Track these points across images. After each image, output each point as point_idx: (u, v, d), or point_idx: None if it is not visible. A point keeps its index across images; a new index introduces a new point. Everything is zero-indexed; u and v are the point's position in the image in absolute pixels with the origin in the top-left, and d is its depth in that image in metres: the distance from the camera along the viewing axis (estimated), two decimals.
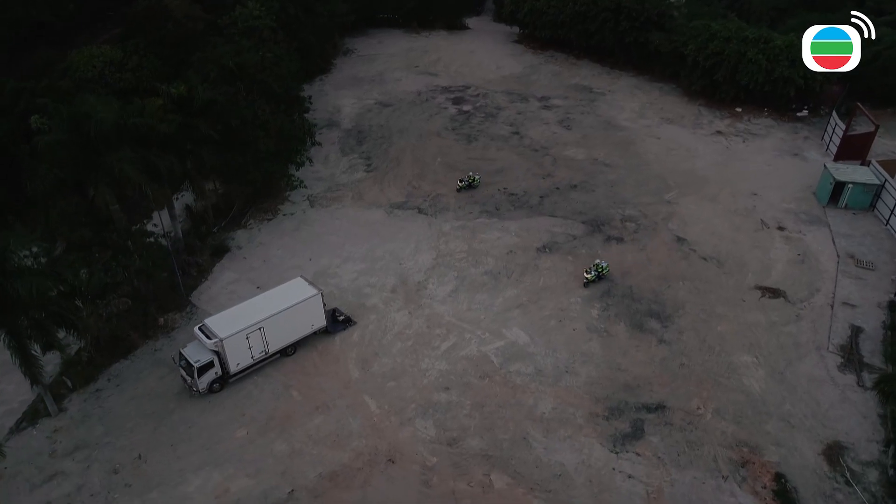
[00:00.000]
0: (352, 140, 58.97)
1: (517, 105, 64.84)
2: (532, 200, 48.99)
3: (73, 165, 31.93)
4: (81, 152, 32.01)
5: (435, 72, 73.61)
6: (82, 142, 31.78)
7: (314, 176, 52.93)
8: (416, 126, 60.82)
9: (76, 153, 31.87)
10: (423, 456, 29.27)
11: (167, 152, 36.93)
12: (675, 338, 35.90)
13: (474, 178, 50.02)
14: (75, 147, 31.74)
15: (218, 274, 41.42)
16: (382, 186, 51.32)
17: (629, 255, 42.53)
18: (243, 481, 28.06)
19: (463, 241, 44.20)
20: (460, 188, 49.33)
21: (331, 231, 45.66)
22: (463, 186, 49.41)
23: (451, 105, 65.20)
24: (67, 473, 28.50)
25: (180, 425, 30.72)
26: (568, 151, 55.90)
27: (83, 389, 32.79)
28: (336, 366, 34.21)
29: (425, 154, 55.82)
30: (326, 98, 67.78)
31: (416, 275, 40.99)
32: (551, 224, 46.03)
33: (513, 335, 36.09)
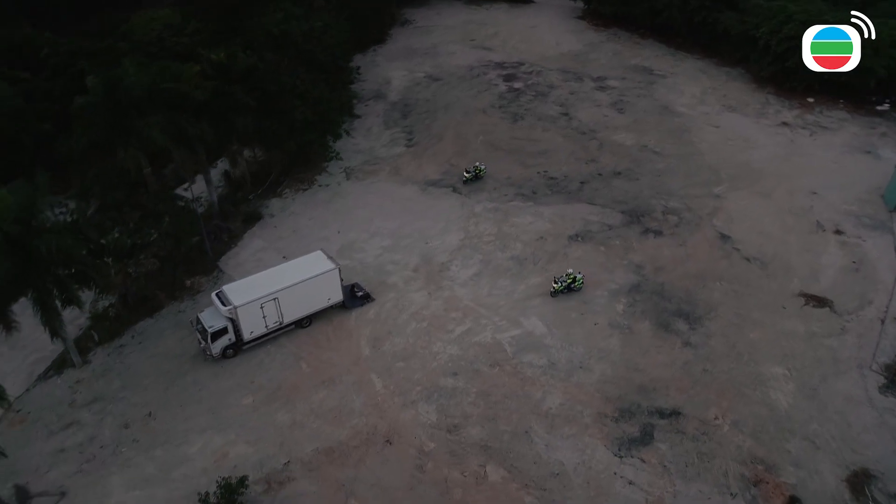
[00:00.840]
0: (396, 113, 58.43)
1: (570, 84, 62.50)
2: (571, 186, 47.31)
3: (106, 128, 32.79)
4: (113, 116, 32.81)
5: (490, 46, 71.82)
6: (115, 105, 32.53)
7: (354, 148, 52.86)
8: (463, 102, 59.62)
9: (108, 116, 32.70)
10: (420, 440, 29.03)
11: (200, 119, 37.47)
12: (701, 341, 34.05)
13: (480, 168, 47.26)
14: (108, 110, 32.55)
15: (248, 241, 42.11)
16: (420, 162, 50.70)
17: (666, 250, 40.52)
18: (242, 448, 28.62)
19: (493, 223, 43.21)
20: (466, 180, 46.82)
21: (362, 205, 45.55)
22: (469, 178, 46.84)
23: (502, 82, 63.50)
24: (83, 424, 29.85)
25: (192, 387, 31.58)
26: (617, 136, 53.56)
27: (108, 344, 34.15)
28: (348, 341, 34.26)
29: (468, 131, 54.69)
30: (377, 69, 67.32)
31: (440, 255, 40.42)
32: (588, 212, 44.34)
33: (530, 325, 35.13)
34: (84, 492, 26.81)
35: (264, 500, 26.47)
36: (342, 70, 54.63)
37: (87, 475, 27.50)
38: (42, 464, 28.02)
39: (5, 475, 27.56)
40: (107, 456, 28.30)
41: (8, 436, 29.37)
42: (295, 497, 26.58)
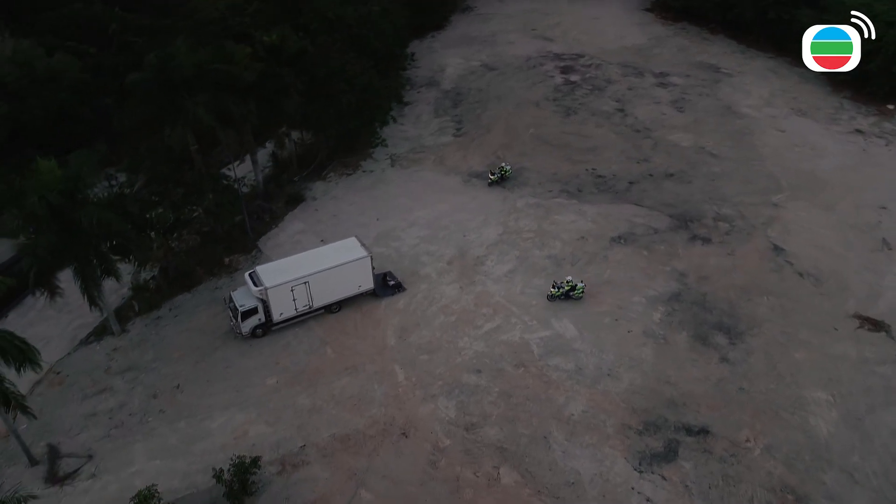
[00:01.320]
0: (447, 102, 57.94)
1: (630, 80, 60.43)
2: (619, 185, 45.79)
3: (156, 105, 33.65)
4: (163, 93, 33.61)
5: (551, 37, 70.19)
6: (165, 83, 33.32)
7: (401, 135, 52.73)
8: (516, 93, 58.54)
9: (159, 94, 33.53)
10: (437, 436, 28.79)
11: (248, 100, 38.01)
12: (740, 358, 32.40)
13: (506, 169, 45.39)
14: (158, 88, 33.36)
15: (288, 222, 42.66)
16: (466, 153, 50.12)
17: (712, 259, 38.70)
18: (261, 427, 29.09)
19: (534, 219, 42.30)
20: (492, 181, 45.02)
21: (404, 193, 45.40)
22: (495, 179, 45.04)
23: (559, 74, 62.00)
24: (115, 390, 31.00)
25: (220, 363, 32.29)
26: (673, 136, 51.47)
27: (147, 315, 35.30)
28: (375, 330, 34.27)
29: (518, 124, 53.69)
30: (433, 56, 66.89)
31: (476, 249, 39.88)
32: (634, 213, 42.82)
33: (561, 327, 34.25)
34: (109, 456, 27.85)
35: (277, 481, 26.84)
36: (395, 56, 54.35)
37: (114, 440, 28.55)
38: (74, 426, 29.27)
39: (41, 433, 28.93)
40: (134, 424, 29.30)
41: (47, 395, 30.83)
42: (307, 481, 26.83)
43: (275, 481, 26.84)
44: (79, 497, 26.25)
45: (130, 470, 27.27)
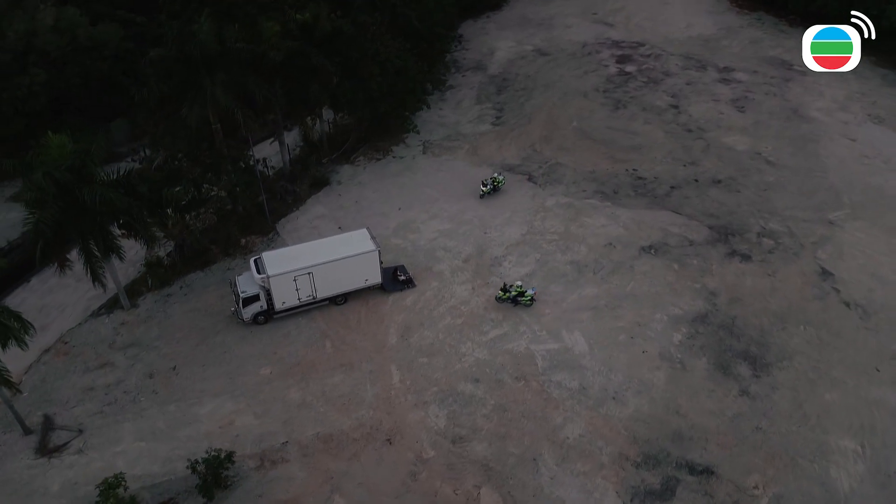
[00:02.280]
0: (492, 88, 55.84)
1: (690, 73, 56.54)
2: (660, 189, 42.89)
3: (175, 83, 33.38)
4: (184, 70, 33.28)
5: (612, 22, 66.60)
6: (184, 60, 32.94)
7: (439, 120, 51.17)
8: (566, 82, 55.78)
9: (179, 71, 33.22)
10: (422, 445, 27.76)
11: (274, 80, 37.35)
12: (763, 393, 29.74)
13: (499, 180, 41.84)
14: (179, 64, 33.03)
15: (310, 206, 42.12)
16: (502, 144, 48.14)
17: (749, 279, 35.69)
18: (248, 419, 28.82)
19: (562, 221, 40.16)
20: (483, 194, 41.28)
21: (431, 182, 44.04)
22: (487, 191, 41.33)
23: (614, 63, 58.71)
24: (115, 366, 31.41)
25: (218, 347, 32.20)
26: (728, 138, 47.82)
27: (158, 291, 35.61)
28: (378, 326, 33.38)
29: (562, 115, 51.14)
30: (486, 38, 64.64)
31: (496, 248, 38.22)
32: (671, 221, 40.01)
33: (571, 340, 32.39)
34: (98, 433, 28.24)
35: (254, 477, 26.53)
36: (439, 38, 52.46)
37: (106, 417, 28.93)
38: (72, 398, 29.85)
39: (39, 402, 29.66)
40: (127, 402, 29.61)
41: (51, 365, 31.58)
42: (283, 480, 26.40)
43: (251, 476, 26.54)
44: (63, 471, 26.75)
45: (116, 449, 27.56)
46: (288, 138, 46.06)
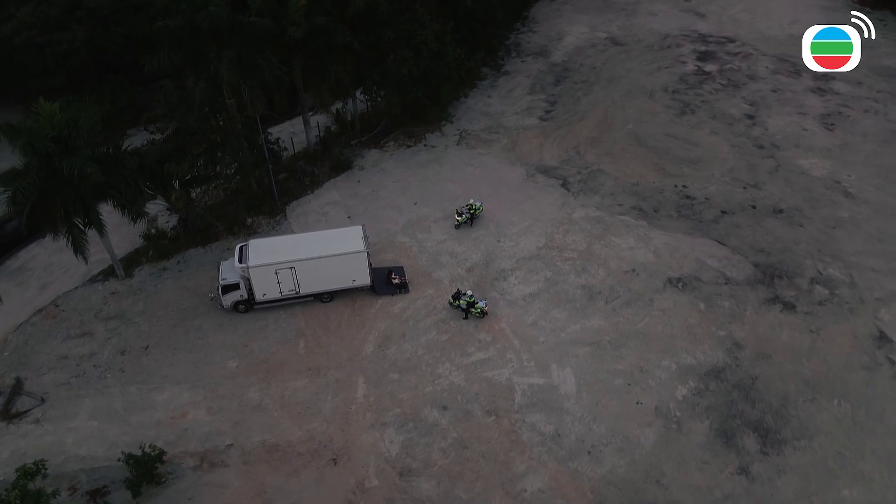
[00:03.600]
0: (550, 77, 51.74)
1: (779, 78, 49.97)
2: (708, 212, 38.03)
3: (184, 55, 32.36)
4: (193, 42, 32.16)
5: (704, 13, 60.14)
6: (194, 33, 31.77)
7: (483, 109, 47.99)
8: (633, 77, 50.80)
9: (188, 42, 32.13)
10: (367, 472, 25.90)
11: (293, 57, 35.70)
12: (766, 475, 25.57)
13: (476, 206, 36.59)
14: (188, 36, 31.92)
15: (325, 190, 40.58)
16: (545, 142, 44.40)
17: (786, 333, 30.88)
18: (201, 413, 28.01)
19: (586, 237, 36.44)
20: (459, 224, 36.45)
21: (457, 178, 41.28)
22: (463, 221, 36.40)
23: (693, 60, 52.85)
24: (94, 337, 31.48)
25: (194, 332, 31.55)
26: (804, 160, 41.78)
27: (155, 263, 35.43)
28: (357, 332, 31.56)
29: (618, 116, 46.56)
30: (558, 21, 60.11)
31: (505, 260, 35.21)
32: (711, 252, 35.36)
33: (559, 377, 29.24)
34: (57, 405, 28.37)
35: (189, 477, 25.72)
36: (493, 20, 48.76)
37: (70, 390, 29.02)
38: (45, 364, 30.17)
39: (16, 364, 30.21)
40: (93, 377, 29.57)
41: (38, 326, 32.11)
42: (217, 486, 25.42)
43: (187, 476, 25.75)
44: (17, 439, 27.07)
45: (70, 425, 27.58)
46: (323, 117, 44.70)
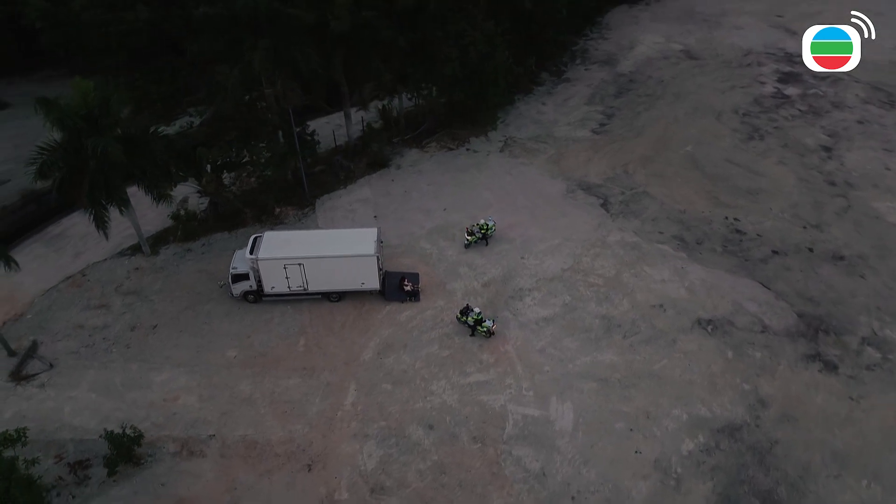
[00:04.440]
0: (612, 88, 49.22)
1: (869, 109, 45.48)
2: (757, 251, 34.89)
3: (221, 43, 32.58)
4: (231, 30, 32.32)
5: (796, 30, 55.50)
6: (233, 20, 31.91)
7: (535, 117, 46.24)
8: (702, 95, 47.59)
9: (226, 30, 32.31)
10: (339, 483, 25.24)
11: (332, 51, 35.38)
12: None
13: (487, 225, 34.73)
14: (226, 24, 32.10)
15: (358, 186, 40.17)
16: (594, 157, 42.21)
17: (821, 397, 27.78)
18: (192, 399, 28.19)
19: (616, 263, 34.24)
20: (469, 243, 34.59)
21: (493, 186, 39.88)
22: (474, 241, 34.58)
23: (773, 82, 48.96)
24: (110, 310, 32.39)
25: (202, 317, 31.88)
26: (880, 202, 37.78)
27: (182, 243, 36.15)
28: (359, 336, 30.92)
29: (678, 135, 43.70)
30: (632, 28, 57.24)
31: (525, 279, 33.59)
32: (751, 294, 32.40)
33: (557, 412, 27.50)
34: (63, 373, 29.33)
35: (167, 462, 25.89)
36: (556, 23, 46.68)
37: (78, 359, 29.95)
38: (61, 331, 31.31)
39: (36, 328, 31.49)
40: (101, 350, 30.41)
41: (63, 293, 33.40)
42: (191, 475, 25.45)
43: (165, 461, 25.94)
44: (20, 401, 28.18)
45: (70, 394, 28.44)
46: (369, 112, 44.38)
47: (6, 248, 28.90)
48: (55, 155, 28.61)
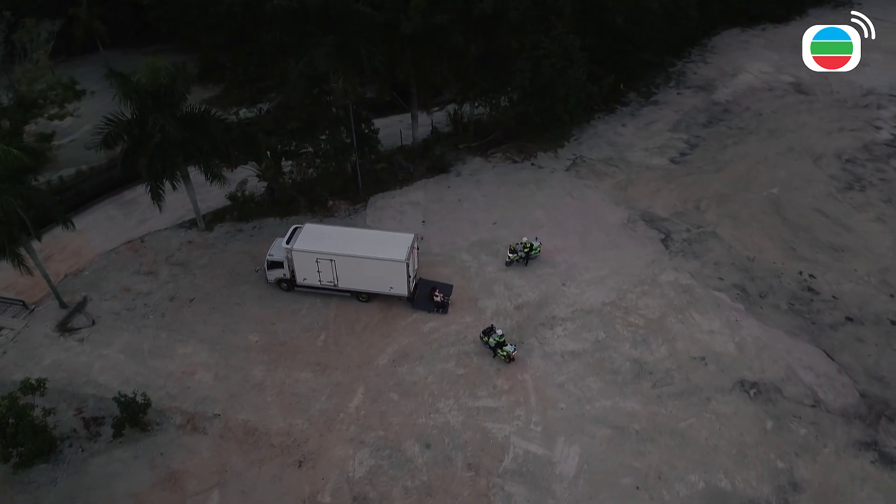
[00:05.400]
0: (701, 117, 46.08)
1: None
2: (829, 315, 31.38)
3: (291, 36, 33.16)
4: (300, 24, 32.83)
5: None
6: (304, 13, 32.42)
7: (611, 138, 44.11)
8: (802, 135, 43.59)
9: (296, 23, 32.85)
10: (325, 485, 25.03)
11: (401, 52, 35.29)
12: None
13: (532, 245, 33.54)
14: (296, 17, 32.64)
15: (414, 189, 39.90)
16: (665, 187, 39.66)
17: (867, 492, 24.48)
18: (208, 377, 28.98)
19: (663, 305, 31.90)
20: (511, 261, 33.53)
21: (549, 206, 38.35)
22: (516, 259, 33.49)
23: (892, 128, 43.87)
24: (157, 277, 33.99)
25: (236, 297, 32.74)
26: None
27: (235, 223, 37.39)
28: (379, 340, 30.60)
29: (764, 175, 40.23)
30: (739, 54, 53.48)
31: (561, 307, 31.97)
32: (810, 363, 29.13)
33: (561, 454, 25.89)
34: (103, 331, 31.03)
35: (170, 433, 26.74)
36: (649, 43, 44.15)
37: (118, 320, 31.64)
38: (110, 291, 33.19)
39: (89, 285, 33.56)
40: (139, 314, 31.95)
41: (122, 255, 35.41)
42: (188, 450, 26.12)
43: (169, 431, 26.82)
44: (60, 352, 30.11)
45: (103, 352, 30.07)
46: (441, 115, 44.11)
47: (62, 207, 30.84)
48: (119, 127, 30.30)
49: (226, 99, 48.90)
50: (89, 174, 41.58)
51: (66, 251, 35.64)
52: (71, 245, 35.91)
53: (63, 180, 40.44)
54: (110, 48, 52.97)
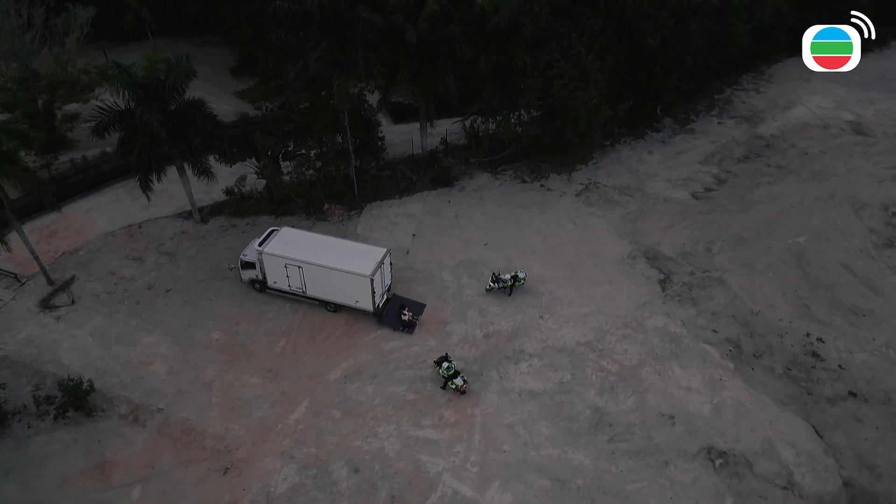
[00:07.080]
0: (738, 151, 42.71)
1: None
2: (829, 387, 28.19)
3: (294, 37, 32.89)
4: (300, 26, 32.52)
5: None
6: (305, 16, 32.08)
7: (632, 165, 41.61)
8: (849, 180, 39.64)
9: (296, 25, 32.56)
10: (242, 497, 24.53)
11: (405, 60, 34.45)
12: None
13: (518, 277, 31.84)
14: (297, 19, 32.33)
15: (413, 200, 38.98)
16: (679, 224, 36.93)
17: None
18: (162, 369, 29.11)
19: (642, 354, 29.53)
20: (490, 289, 31.93)
21: (547, 232, 36.46)
22: (496, 288, 31.87)
23: None
24: (142, 264, 34.64)
25: (210, 293, 32.86)
26: None
27: (230, 218, 37.69)
28: (337, 354, 29.88)
29: (794, 221, 36.80)
30: (798, 85, 49.41)
31: (531, 342, 30.21)
32: (794, 438, 26.19)
33: (491, 501, 24.29)
34: (78, 311, 31.85)
35: (112, 420, 27.03)
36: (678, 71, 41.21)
37: (95, 302, 32.40)
38: (96, 273, 34.10)
39: (80, 265, 34.62)
40: (117, 299, 32.64)
41: (117, 238, 36.37)
42: (124, 441, 26.30)
43: (111, 420, 27.12)
44: (36, 327, 31.12)
45: (73, 332, 30.86)
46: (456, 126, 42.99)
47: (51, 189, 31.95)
48: (110, 116, 31.02)
49: (257, 91, 49.70)
50: (112, 156, 43.11)
51: (71, 229, 37.03)
52: (76, 224, 37.33)
53: (87, 160, 42.11)
54: (162, 35, 54.87)
